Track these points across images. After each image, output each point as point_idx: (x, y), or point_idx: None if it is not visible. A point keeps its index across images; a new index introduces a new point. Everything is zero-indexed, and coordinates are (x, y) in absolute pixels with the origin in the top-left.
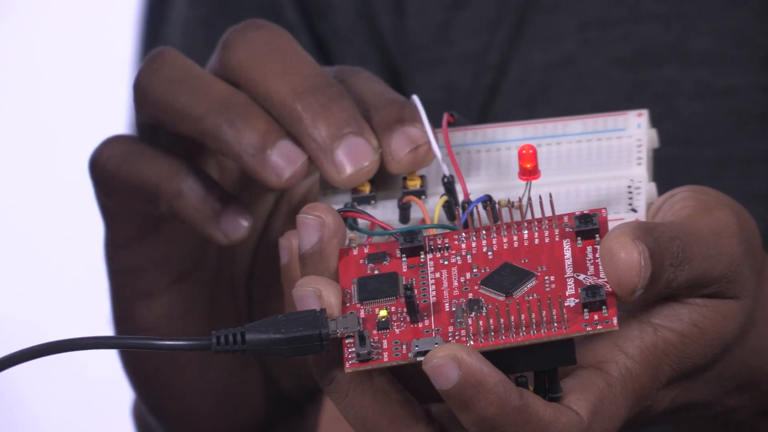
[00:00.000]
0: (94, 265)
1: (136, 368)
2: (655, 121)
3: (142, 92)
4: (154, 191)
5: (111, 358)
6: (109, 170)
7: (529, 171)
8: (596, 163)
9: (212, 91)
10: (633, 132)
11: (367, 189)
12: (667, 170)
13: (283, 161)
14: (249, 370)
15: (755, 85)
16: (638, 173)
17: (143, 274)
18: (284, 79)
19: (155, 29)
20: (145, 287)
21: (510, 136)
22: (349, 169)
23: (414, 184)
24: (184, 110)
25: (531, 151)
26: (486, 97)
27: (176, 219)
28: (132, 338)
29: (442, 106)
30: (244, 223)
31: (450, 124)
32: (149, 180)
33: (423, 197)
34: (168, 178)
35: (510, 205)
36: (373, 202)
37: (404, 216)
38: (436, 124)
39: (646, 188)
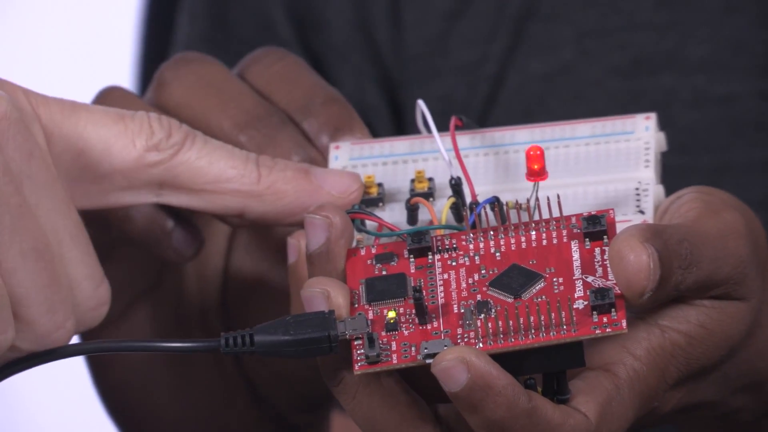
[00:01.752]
0: None
1: (112, 400)
2: None
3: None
4: (104, 217)
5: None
6: None
7: (537, 172)
8: (604, 165)
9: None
10: (641, 135)
11: (374, 191)
12: (665, 178)
13: None
14: (236, 393)
15: (753, 92)
16: (646, 176)
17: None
18: (224, 113)
19: (156, 47)
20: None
21: (518, 139)
22: None
23: (422, 186)
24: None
25: (538, 152)
26: (484, 107)
27: (127, 243)
28: (138, 342)
29: (440, 117)
30: (195, 241)
31: (457, 128)
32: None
33: (431, 199)
34: None
35: (518, 206)
36: (380, 204)
37: (412, 217)
38: (441, 130)
39: (653, 190)
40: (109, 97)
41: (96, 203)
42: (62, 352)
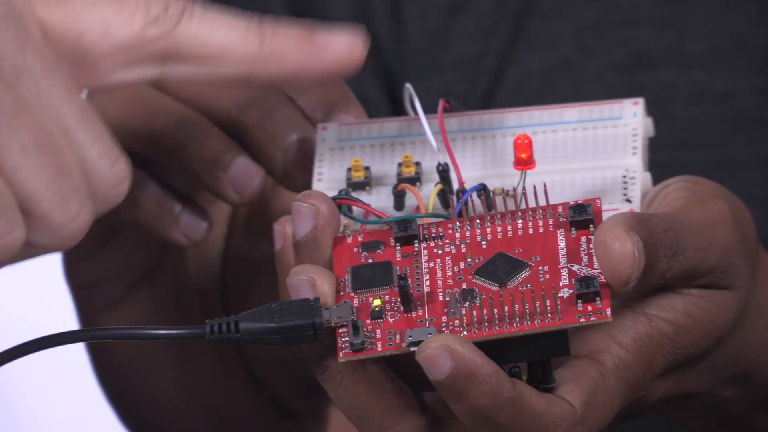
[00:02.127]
0: None
1: (112, 386)
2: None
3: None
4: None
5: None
6: None
7: (524, 161)
8: (591, 152)
9: (165, 112)
10: (629, 121)
11: (362, 175)
12: (664, 174)
13: (241, 178)
14: (236, 378)
15: (752, 88)
16: (633, 163)
17: (104, 285)
18: (223, 93)
19: None
20: (107, 298)
21: (506, 123)
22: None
23: (409, 171)
24: (137, 131)
25: (526, 141)
26: (483, 102)
27: (134, 226)
28: (123, 329)
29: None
30: (204, 224)
31: (445, 110)
32: None
33: (418, 184)
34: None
35: (504, 193)
36: (368, 188)
37: (399, 203)
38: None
39: (640, 178)
40: None
41: (101, 83)
42: (48, 341)
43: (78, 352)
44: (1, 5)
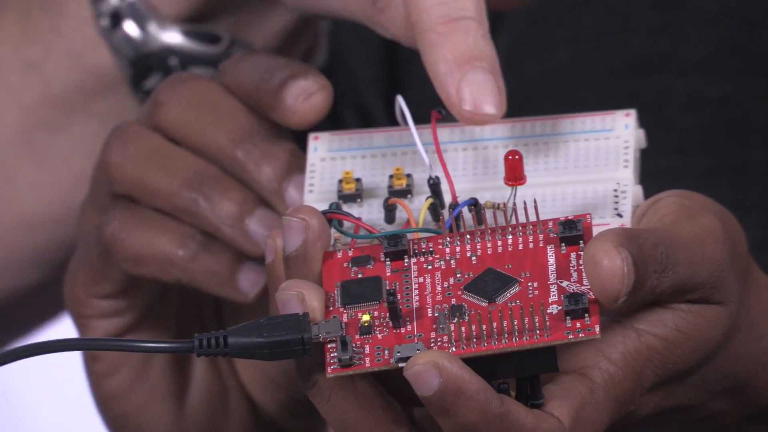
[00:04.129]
0: None
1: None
2: (647, 132)
3: (113, 169)
4: (168, 258)
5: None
6: (118, 240)
7: (515, 177)
8: (583, 164)
9: (184, 166)
10: (620, 133)
11: (353, 187)
12: (659, 180)
13: (262, 229)
14: (232, 399)
15: (747, 94)
16: (624, 176)
17: (114, 318)
18: (220, 129)
19: None
20: (114, 330)
21: (498, 134)
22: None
23: (400, 183)
24: (157, 186)
25: (517, 157)
26: None
27: (188, 284)
28: (114, 340)
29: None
30: (262, 278)
31: (438, 121)
32: (161, 248)
33: (409, 196)
34: (180, 244)
35: (495, 207)
36: (359, 200)
37: (390, 216)
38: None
39: (632, 191)
40: (126, 133)
41: None
42: (38, 348)
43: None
44: None
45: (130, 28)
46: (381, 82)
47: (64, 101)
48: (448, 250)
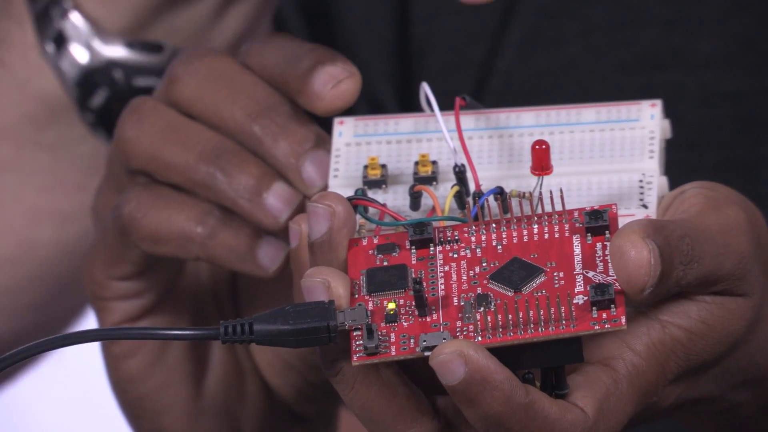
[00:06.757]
0: None
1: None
2: None
3: (128, 144)
4: (186, 236)
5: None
6: (136, 219)
7: (542, 166)
8: (609, 154)
9: (200, 140)
10: (646, 123)
11: (378, 173)
12: (672, 174)
13: (279, 203)
14: (248, 383)
15: (760, 89)
16: (650, 167)
17: (132, 299)
18: (237, 104)
19: None
20: (134, 312)
21: (523, 122)
22: (318, 182)
23: (426, 170)
24: (174, 161)
25: (544, 147)
26: (491, 103)
27: (207, 261)
28: (138, 329)
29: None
30: (282, 252)
31: (461, 108)
32: (179, 225)
33: (434, 183)
34: (198, 221)
35: (521, 196)
36: (384, 186)
37: (415, 204)
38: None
39: (657, 182)
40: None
41: None
42: (61, 341)
43: (85, 355)
44: None
45: (76, 49)
46: (393, 75)
47: (14, 134)
48: (473, 238)
